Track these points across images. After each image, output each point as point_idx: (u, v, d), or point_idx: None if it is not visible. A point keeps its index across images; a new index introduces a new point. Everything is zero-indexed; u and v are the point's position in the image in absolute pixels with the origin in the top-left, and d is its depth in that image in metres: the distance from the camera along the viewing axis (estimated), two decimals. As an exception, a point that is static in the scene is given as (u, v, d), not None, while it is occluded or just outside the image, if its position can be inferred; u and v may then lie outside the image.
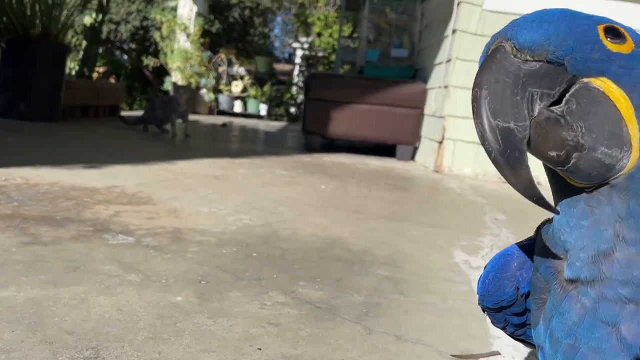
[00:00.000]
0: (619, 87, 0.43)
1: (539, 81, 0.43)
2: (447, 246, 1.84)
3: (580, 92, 0.43)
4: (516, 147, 0.42)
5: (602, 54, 0.44)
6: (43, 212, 1.64)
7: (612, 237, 0.45)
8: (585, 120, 0.43)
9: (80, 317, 1.00)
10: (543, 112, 0.43)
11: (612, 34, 0.44)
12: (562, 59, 0.43)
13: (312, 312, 1.15)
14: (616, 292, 0.45)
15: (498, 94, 0.43)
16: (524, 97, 0.43)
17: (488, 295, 0.63)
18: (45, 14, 4.39)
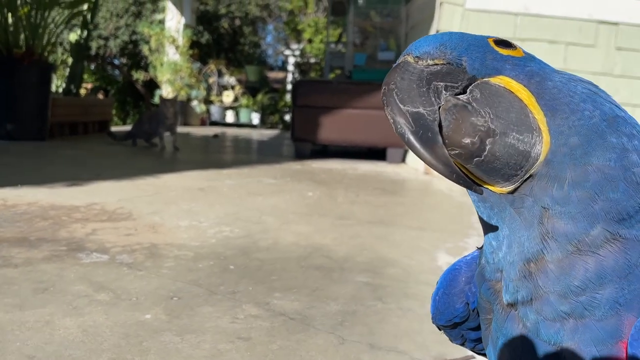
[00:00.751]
0: (518, 82, 0.44)
1: (442, 77, 0.44)
2: (431, 249, 1.82)
3: (482, 86, 0.45)
4: (428, 128, 0.43)
5: (496, 56, 0.46)
6: (17, 233, 1.62)
7: (540, 237, 0.43)
8: (492, 108, 0.44)
9: (43, 341, 0.97)
10: (450, 99, 0.44)
11: (503, 44, 0.47)
12: (461, 59, 0.45)
13: (285, 324, 1.13)
14: (555, 309, 0.43)
15: (405, 87, 0.44)
16: (429, 88, 0.44)
17: (439, 313, 0.61)
18: (29, 33, 4.38)
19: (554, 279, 0.43)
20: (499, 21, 3.87)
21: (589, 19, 3.80)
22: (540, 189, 0.43)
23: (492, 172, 0.44)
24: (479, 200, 0.48)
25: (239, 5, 11.12)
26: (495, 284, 0.49)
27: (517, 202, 0.44)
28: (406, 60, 0.46)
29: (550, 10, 3.87)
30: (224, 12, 10.76)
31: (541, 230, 0.43)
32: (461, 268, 0.61)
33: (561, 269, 0.43)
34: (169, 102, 4.58)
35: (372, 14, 5.31)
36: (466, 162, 0.44)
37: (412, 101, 0.44)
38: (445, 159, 0.43)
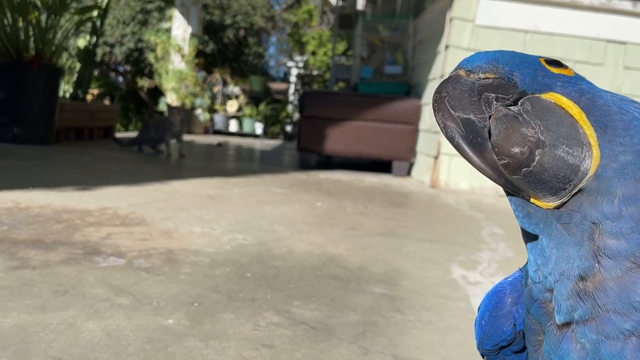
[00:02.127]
0: (568, 98, 0.45)
1: (493, 89, 0.46)
2: (444, 262, 1.82)
3: (533, 100, 0.46)
4: (478, 134, 0.44)
5: (547, 73, 0.47)
6: (33, 235, 1.62)
7: (592, 254, 0.43)
8: (542, 120, 0.44)
9: (68, 343, 0.97)
10: (500, 109, 0.45)
11: (554, 63, 0.48)
12: (512, 74, 0.46)
13: (307, 332, 1.13)
14: (617, 327, 0.42)
15: (457, 95, 0.46)
16: (481, 98, 0.45)
17: (487, 337, 0.60)
18: (39, 38, 4.40)
19: (615, 297, 0.42)
20: (508, 38, 3.90)
21: (598, 38, 3.84)
22: (589, 204, 0.43)
23: (539, 184, 0.44)
24: (523, 217, 0.47)
25: (245, 16, 11.20)
26: (547, 304, 0.48)
27: (564, 217, 0.44)
28: (458, 73, 0.47)
29: (559, 28, 3.90)
30: (229, 22, 10.83)
31: (592, 246, 0.43)
32: (505, 289, 0.60)
33: (621, 286, 0.42)
34: (176, 110, 4.61)
35: (380, 28, 5.35)
36: (514, 172, 0.44)
37: (463, 108, 0.45)
38: (494, 164, 0.44)
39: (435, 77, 4.18)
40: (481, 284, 1.60)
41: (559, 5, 3.88)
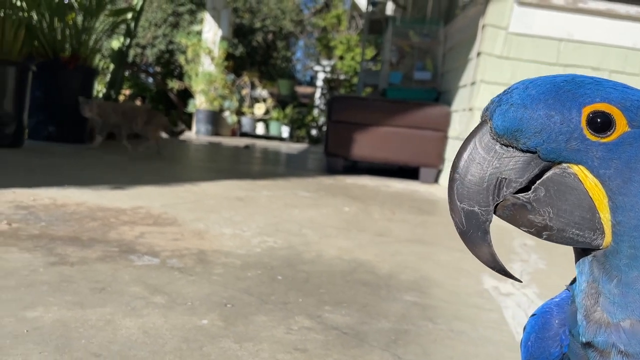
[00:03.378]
0: (595, 177, 0.42)
1: (510, 167, 0.43)
2: (475, 271, 1.80)
3: (551, 179, 0.43)
4: (479, 228, 0.44)
5: (580, 144, 0.42)
6: (70, 232, 1.65)
7: (595, 300, 0.44)
8: (554, 207, 0.43)
9: (107, 340, 0.99)
10: (509, 198, 0.44)
11: (596, 125, 0.42)
12: (534, 149, 0.43)
13: (339, 338, 1.13)
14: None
15: (467, 178, 0.44)
16: (491, 183, 0.43)
17: (533, 359, 0.59)
18: (75, 39, 4.51)
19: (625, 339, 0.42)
20: (541, 46, 3.85)
21: (634, 48, 3.76)
22: (596, 267, 0.43)
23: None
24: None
25: (274, 20, 11.28)
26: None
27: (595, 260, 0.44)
28: (487, 124, 0.44)
29: (594, 37, 3.83)
30: (259, 26, 10.93)
31: (596, 297, 0.43)
32: (552, 310, 0.59)
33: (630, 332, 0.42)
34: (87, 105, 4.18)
35: (410, 34, 5.33)
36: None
37: (470, 198, 0.44)
38: (490, 256, 0.45)
39: (466, 84, 4.15)
40: (513, 295, 1.58)
41: (594, 14, 3.81)
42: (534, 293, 1.61)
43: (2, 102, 3.61)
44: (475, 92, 3.91)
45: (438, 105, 4.67)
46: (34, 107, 3.97)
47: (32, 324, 1.02)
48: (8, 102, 3.63)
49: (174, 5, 9.84)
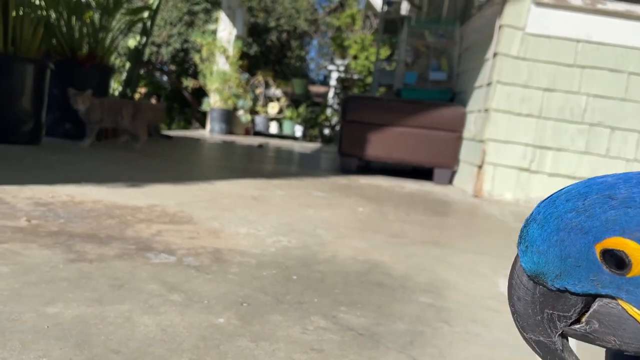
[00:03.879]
0: (635, 307, 0.40)
1: (553, 303, 0.42)
2: (490, 274, 1.79)
3: (598, 312, 0.41)
4: (555, 354, 0.43)
5: (606, 280, 0.40)
6: (88, 229, 1.67)
7: None
8: (615, 335, 0.41)
9: (126, 337, 0.99)
10: (567, 331, 0.42)
11: (612, 262, 0.39)
12: (565, 289, 0.41)
13: (354, 339, 1.13)
14: None
15: (522, 312, 0.43)
16: (544, 317, 0.42)
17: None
18: (92, 37, 4.56)
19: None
20: (559, 47, 3.81)
21: (654, 49, 3.70)
22: None
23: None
24: None
25: (288, 19, 11.30)
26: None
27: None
28: (518, 265, 0.43)
29: (613, 38, 3.78)
30: (273, 25, 10.95)
31: None
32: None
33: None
34: (80, 97, 4.04)
35: (425, 34, 5.30)
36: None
37: (532, 330, 0.43)
38: None
39: (482, 84, 4.12)
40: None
41: (613, 15, 3.76)
42: (551, 297, 1.60)
43: (21, 100, 3.66)
44: (491, 93, 3.89)
45: (453, 105, 4.64)
46: (51, 105, 4.02)
47: (53, 320, 1.03)
48: (26, 100, 3.68)
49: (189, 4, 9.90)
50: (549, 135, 3.85)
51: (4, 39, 3.61)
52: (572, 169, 3.84)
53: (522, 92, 3.85)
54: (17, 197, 2.00)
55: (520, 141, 3.87)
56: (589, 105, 3.80)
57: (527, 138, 3.87)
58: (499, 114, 3.87)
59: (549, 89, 3.82)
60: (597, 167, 3.82)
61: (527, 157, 3.88)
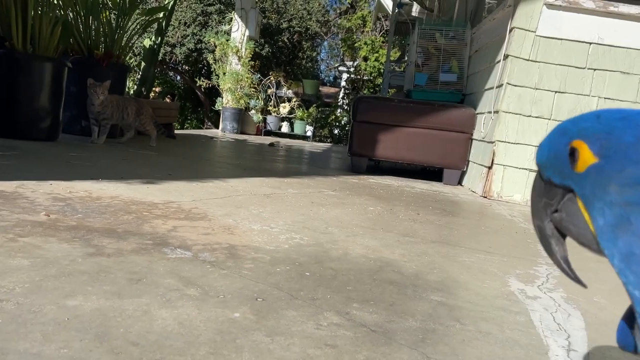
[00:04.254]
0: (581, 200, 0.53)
1: (545, 193, 0.56)
2: (501, 274, 1.80)
3: (565, 203, 0.54)
4: (546, 239, 0.57)
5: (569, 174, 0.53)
6: (105, 224, 1.71)
7: None
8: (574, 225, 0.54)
9: (144, 329, 1.02)
10: (552, 217, 0.56)
11: (573, 158, 0.53)
12: (550, 178, 0.56)
13: (367, 335, 1.15)
14: None
15: (532, 200, 0.59)
16: (540, 204, 0.57)
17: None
18: (109, 37, 4.61)
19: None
20: (570, 49, 3.80)
21: (668, 52, 3.69)
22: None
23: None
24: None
25: (300, 20, 11.33)
26: None
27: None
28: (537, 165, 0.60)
29: (625, 41, 3.77)
30: (285, 26, 10.99)
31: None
32: None
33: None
34: (99, 88, 4.01)
35: (436, 36, 5.31)
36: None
37: (535, 215, 0.58)
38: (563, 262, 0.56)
39: (492, 86, 4.12)
40: (540, 298, 1.58)
41: (626, 18, 3.75)
42: (561, 297, 1.61)
43: (39, 97, 3.72)
44: (502, 95, 3.89)
45: (463, 107, 4.65)
46: (68, 103, 4.08)
47: (73, 312, 1.06)
48: (45, 97, 3.73)
49: (203, 5, 9.97)
50: (561, 137, 3.84)
51: (23, 38, 3.67)
52: (583, 172, 3.84)
53: (532, 94, 3.84)
54: (36, 192, 2.04)
55: (530, 143, 3.87)
56: (599, 108, 3.79)
57: (537, 139, 3.86)
58: (509, 115, 3.87)
59: (559, 91, 3.81)
60: (609, 170, 3.81)
61: (538, 159, 3.88)
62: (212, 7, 9.95)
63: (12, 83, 3.61)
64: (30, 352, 0.88)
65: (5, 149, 3.19)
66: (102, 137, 4.19)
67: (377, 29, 14.21)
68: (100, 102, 4.02)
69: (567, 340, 1.26)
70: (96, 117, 4.12)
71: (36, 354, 0.88)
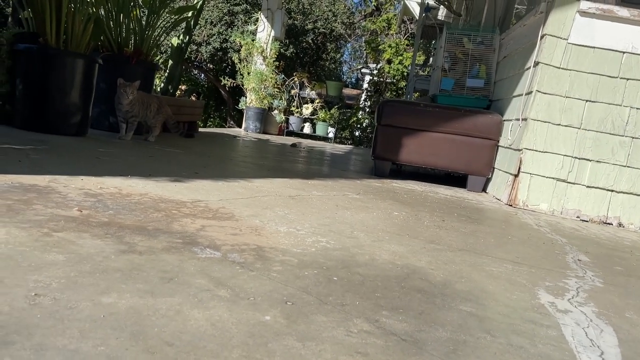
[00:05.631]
0: None
1: None
2: (530, 285, 1.77)
3: None
4: None
5: None
6: (136, 221, 1.73)
7: None
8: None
9: (178, 330, 1.03)
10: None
11: None
12: None
13: (398, 344, 1.14)
14: None
15: None
16: None
17: None
18: (139, 34, 4.67)
19: None
20: (602, 58, 3.73)
21: None
22: None
23: None
24: None
25: (325, 22, 11.34)
26: None
27: None
28: None
29: (661, 50, 3.69)
30: (310, 27, 11.01)
31: None
32: None
33: None
34: (129, 87, 4.07)
35: (464, 40, 5.26)
36: None
37: None
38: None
39: (521, 93, 4.07)
40: (571, 312, 1.55)
41: (662, 26, 3.67)
42: (592, 312, 1.58)
43: (71, 93, 3.78)
44: (531, 102, 3.83)
45: (490, 113, 4.60)
46: (97, 98, 4.14)
47: (108, 310, 1.07)
48: (75, 93, 3.80)
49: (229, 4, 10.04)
50: (589, 146, 3.77)
51: (57, 35, 3.74)
52: (611, 182, 3.76)
53: (562, 102, 3.78)
54: (68, 187, 2.08)
55: (558, 152, 3.81)
56: (631, 118, 3.71)
57: (566, 149, 3.80)
58: (537, 123, 3.81)
59: (590, 100, 3.74)
60: (637, 181, 3.73)
61: (564, 168, 3.81)
62: (239, 7, 10.02)
63: (45, 78, 3.68)
64: (68, 349, 0.89)
65: (36, 143, 3.25)
66: (130, 134, 4.25)
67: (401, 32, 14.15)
68: (129, 102, 4.08)
69: (600, 358, 1.23)
70: (124, 116, 4.18)
71: (74, 351, 0.89)
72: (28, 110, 3.72)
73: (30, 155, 2.76)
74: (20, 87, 3.70)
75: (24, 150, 2.94)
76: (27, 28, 3.90)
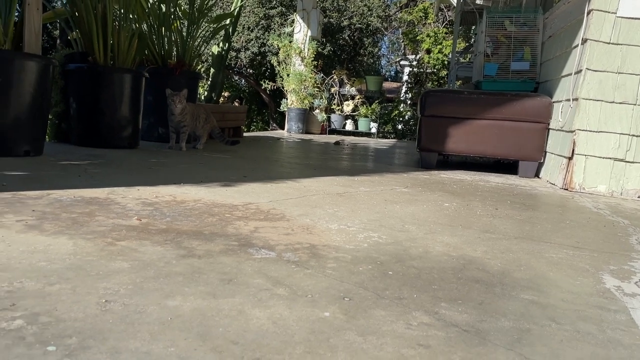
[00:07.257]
0: None
1: None
2: (593, 270, 1.71)
3: None
4: None
5: None
6: (192, 227, 1.78)
7: None
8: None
9: (241, 329, 1.06)
10: None
11: None
12: None
13: (460, 335, 1.13)
14: None
15: None
16: None
17: None
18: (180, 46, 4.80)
19: None
20: (656, 28, 3.55)
21: None
22: None
23: None
24: None
25: (360, 17, 11.29)
26: None
27: None
28: None
29: None
30: (346, 24, 10.99)
31: None
32: None
33: None
34: (177, 97, 4.15)
35: (506, 23, 5.12)
36: None
37: None
38: None
39: (570, 72, 3.93)
40: (639, 296, 1.49)
41: None
42: (663, 295, 1.51)
43: (121, 107, 3.93)
44: (581, 81, 3.70)
45: (538, 96, 4.46)
46: (145, 111, 4.29)
47: (174, 312, 1.11)
48: (125, 107, 3.95)
49: (265, 8, 10.16)
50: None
51: (104, 53, 3.89)
52: (674, 159, 3.58)
53: (615, 78, 3.63)
54: (127, 198, 2.16)
55: (614, 130, 3.66)
56: (692, 90, 3.52)
57: (622, 127, 3.64)
58: (589, 102, 3.67)
59: (646, 73, 3.58)
60: None
61: (622, 147, 3.66)
62: (274, 10, 10.12)
63: (96, 95, 3.84)
64: (141, 351, 0.93)
65: (92, 158, 3.39)
66: (183, 144, 4.37)
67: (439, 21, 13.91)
68: (180, 111, 4.20)
69: (675, 341, 1.18)
70: (176, 127, 4.29)
71: (146, 353, 0.93)
72: (82, 126, 3.89)
73: (88, 170, 2.89)
74: (73, 105, 3.87)
75: (82, 165, 3.07)
76: (76, 48, 4.08)
